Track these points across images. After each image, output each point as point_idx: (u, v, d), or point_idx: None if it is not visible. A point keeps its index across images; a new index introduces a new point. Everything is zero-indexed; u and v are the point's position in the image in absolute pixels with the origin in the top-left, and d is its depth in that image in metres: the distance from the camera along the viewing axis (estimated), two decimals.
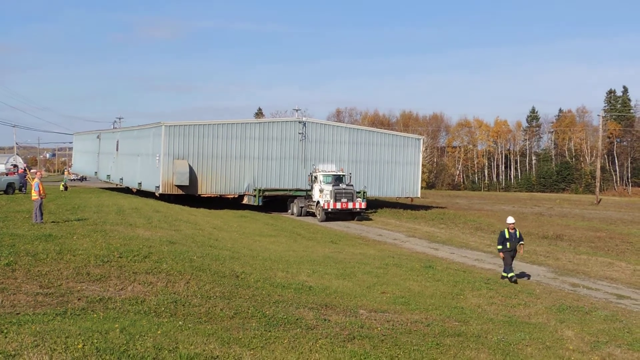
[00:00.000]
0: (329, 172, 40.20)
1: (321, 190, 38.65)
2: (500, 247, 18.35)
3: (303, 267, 17.46)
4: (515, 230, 18.41)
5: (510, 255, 18.15)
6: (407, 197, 48.91)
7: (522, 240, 18.64)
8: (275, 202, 43.78)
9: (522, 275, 19.32)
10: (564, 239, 30.12)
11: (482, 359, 9.49)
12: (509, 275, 17.98)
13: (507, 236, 18.24)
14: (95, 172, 60.37)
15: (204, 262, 15.58)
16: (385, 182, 46.61)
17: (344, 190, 38.07)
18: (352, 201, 37.99)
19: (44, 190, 22.99)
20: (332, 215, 37.84)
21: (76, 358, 6.89)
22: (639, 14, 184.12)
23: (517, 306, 14.46)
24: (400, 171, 46.98)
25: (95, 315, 9.32)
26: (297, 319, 10.62)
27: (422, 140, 49.36)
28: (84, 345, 7.33)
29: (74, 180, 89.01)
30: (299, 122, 44.25)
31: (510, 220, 18.63)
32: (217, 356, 7.75)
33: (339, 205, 37.47)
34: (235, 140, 41.90)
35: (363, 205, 38.80)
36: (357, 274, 17.16)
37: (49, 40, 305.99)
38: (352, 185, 39.55)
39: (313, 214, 39.59)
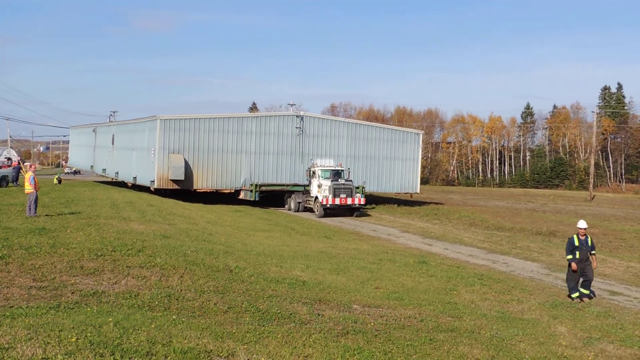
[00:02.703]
0: (327, 167, 39.79)
1: (319, 186, 38.21)
2: (570, 256, 15.26)
3: (297, 262, 17.47)
4: (587, 237, 15.37)
5: (580, 267, 15.09)
6: (407, 193, 48.70)
7: (594, 249, 15.48)
8: (272, 198, 43.53)
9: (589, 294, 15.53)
10: (557, 235, 30.20)
11: (475, 355, 9.51)
12: (574, 295, 15.10)
13: (576, 244, 15.22)
14: (91, 166, 60.11)
15: (198, 256, 15.57)
16: (384, 178, 46.37)
17: (343, 186, 37.62)
18: (351, 197, 37.57)
19: (38, 183, 22.90)
20: (330, 211, 37.36)
21: (69, 352, 6.87)
22: (634, 10, 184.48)
23: (510, 302, 14.50)
24: (399, 166, 46.77)
25: (89, 309, 9.30)
26: (290, 314, 10.62)
27: (421, 135, 49.12)
28: (77, 339, 7.31)
29: (68, 173, 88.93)
30: (297, 116, 43.98)
31: (582, 224, 15.48)
32: (211, 350, 7.74)
33: (337, 201, 37.03)
34: (232, 135, 41.65)
35: (362, 201, 38.33)
36: (350, 269, 17.18)
37: (44, 33, 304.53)
38: (351, 181, 39.13)
39: (311, 210, 39.19)
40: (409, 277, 16.83)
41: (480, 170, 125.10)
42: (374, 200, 47.91)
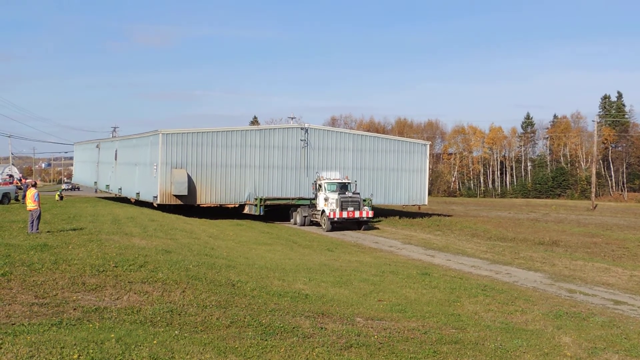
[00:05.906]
0: (333, 180, 39.20)
1: (326, 199, 37.49)
2: None
3: (299, 275, 17.42)
4: None
5: None
6: (414, 205, 48.29)
7: None
8: (277, 212, 43.11)
9: None
10: (560, 245, 30.12)
11: None
12: None
13: None
14: (95, 182, 59.90)
15: (200, 270, 15.54)
16: (391, 190, 45.88)
17: (350, 199, 36.92)
18: (359, 210, 36.89)
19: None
20: (338, 225, 36.78)
21: None
22: (634, 19, 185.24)
23: (514, 313, 14.44)
24: (406, 178, 46.31)
25: (91, 325, 9.28)
26: (293, 328, 10.59)
27: (428, 146, 48.54)
28: (79, 356, 7.29)
29: (66, 189, 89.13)
30: (301, 128, 43.61)
31: None
32: None
33: (345, 214, 36.37)
34: (235, 149, 41.33)
35: (370, 214, 37.56)
36: (353, 282, 17.13)
37: (44, 49, 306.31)
38: (358, 194, 38.50)
39: (317, 224, 38.60)
40: (411, 289, 16.77)
41: (481, 181, 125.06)
42: (380, 213, 47.51)
